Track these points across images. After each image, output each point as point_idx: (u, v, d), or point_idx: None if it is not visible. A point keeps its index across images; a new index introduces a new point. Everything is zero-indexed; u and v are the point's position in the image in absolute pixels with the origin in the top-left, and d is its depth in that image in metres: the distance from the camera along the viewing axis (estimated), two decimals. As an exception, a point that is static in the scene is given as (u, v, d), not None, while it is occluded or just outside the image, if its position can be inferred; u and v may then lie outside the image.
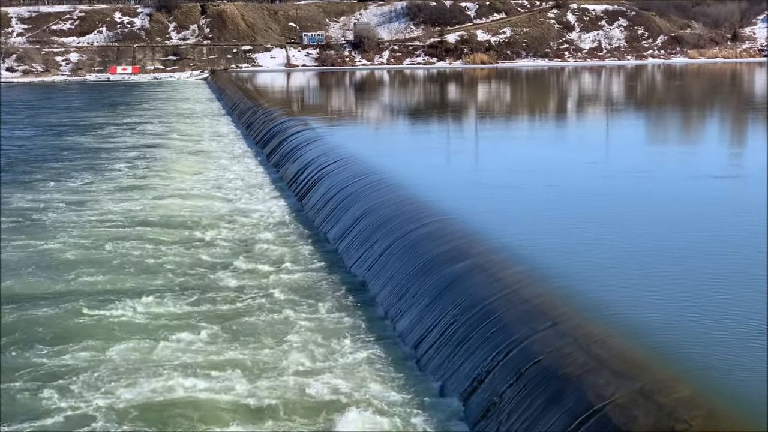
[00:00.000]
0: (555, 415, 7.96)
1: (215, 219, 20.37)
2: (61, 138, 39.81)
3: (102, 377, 10.54)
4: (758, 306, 9.39)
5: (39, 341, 11.86)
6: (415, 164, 22.61)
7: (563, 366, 8.50)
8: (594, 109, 46.78)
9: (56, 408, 9.75)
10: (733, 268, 11.28)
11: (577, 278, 11.06)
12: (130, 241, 17.78)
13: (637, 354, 8.31)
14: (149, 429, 9.28)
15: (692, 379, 7.63)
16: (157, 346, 11.63)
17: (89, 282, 14.88)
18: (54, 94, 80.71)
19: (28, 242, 17.93)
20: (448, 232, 14.05)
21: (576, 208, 16.06)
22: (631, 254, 12.15)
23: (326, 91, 72.21)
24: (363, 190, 19.13)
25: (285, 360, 11.07)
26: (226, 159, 32.15)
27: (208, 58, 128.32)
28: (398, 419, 9.33)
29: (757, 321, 8.94)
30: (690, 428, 6.75)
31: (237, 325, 12.50)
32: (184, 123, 47.71)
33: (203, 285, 14.71)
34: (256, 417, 9.56)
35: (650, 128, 34.95)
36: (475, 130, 34.22)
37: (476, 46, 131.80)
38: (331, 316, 12.86)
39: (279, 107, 43.76)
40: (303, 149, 27.71)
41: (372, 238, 15.84)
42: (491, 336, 9.97)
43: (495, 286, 11.18)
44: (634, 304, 9.81)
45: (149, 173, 27.88)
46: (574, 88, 69.22)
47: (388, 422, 9.27)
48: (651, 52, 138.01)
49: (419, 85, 78.53)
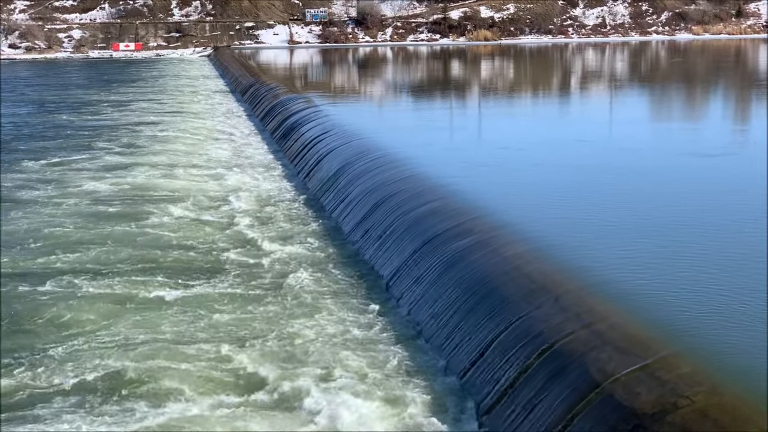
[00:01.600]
0: (557, 392, 7.98)
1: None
2: (79, 113, 39.83)
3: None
4: (763, 283, 9.37)
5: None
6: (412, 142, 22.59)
7: (566, 342, 8.52)
8: (597, 85, 46.63)
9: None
10: (738, 244, 11.26)
11: (579, 254, 11.07)
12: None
13: (639, 331, 8.31)
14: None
15: (695, 355, 7.63)
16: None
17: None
18: (59, 70, 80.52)
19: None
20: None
21: (580, 184, 16.04)
22: (634, 231, 12.14)
23: (329, 68, 72.00)
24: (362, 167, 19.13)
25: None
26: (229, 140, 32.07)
27: (210, 34, 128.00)
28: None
29: (761, 297, 8.93)
30: (692, 404, 6.76)
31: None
32: (186, 101, 47.59)
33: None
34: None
35: (654, 105, 34.89)
36: (478, 107, 34.16)
37: (480, 22, 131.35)
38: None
39: (282, 84, 43.64)
40: (305, 126, 27.69)
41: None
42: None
43: (497, 261, 11.20)
44: (636, 281, 9.81)
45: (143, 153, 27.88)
46: (578, 64, 68.98)
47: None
48: (655, 29, 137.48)
49: (422, 62, 78.27)
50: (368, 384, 9.52)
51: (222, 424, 8.67)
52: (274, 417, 8.86)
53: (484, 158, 19.45)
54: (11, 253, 15.18)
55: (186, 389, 9.41)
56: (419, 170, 17.52)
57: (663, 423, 6.71)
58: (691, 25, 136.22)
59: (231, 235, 16.46)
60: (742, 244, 11.19)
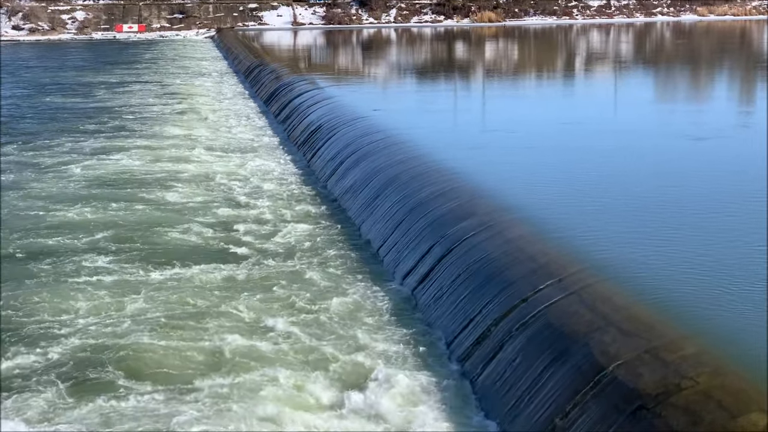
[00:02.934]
0: (560, 373, 7.99)
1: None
2: (89, 95, 39.85)
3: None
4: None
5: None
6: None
7: (569, 324, 8.53)
8: (602, 67, 46.48)
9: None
10: (743, 225, 11.24)
11: (582, 234, 11.06)
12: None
13: (643, 312, 8.31)
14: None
15: (699, 336, 7.63)
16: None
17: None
18: (64, 52, 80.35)
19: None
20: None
21: (583, 166, 16.03)
22: (637, 211, 12.13)
23: (333, 49, 71.80)
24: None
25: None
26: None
27: (214, 16, 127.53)
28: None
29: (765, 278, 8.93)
30: (696, 385, 6.77)
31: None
32: (190, 83, 47.50)
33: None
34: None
35: (659, 86, 34.80)
36: (482, 89, 34.09)
37: (484, 3, 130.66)
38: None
39: (286, 66, 43.55)
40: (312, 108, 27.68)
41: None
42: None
43: (500, 243, 11.20)
44: (640, 262, 9.81)
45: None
46: (582, 46, 68.72)
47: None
48: (660, 10, 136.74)
49: (426, 44, 77.99)
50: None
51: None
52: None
53: (482, 140, 19.45)
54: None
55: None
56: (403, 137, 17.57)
57: (666, 404, 6.72)
58: (696, 6, 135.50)
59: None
60: (749, 226, 11.16)
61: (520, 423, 8.03)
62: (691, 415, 6.47)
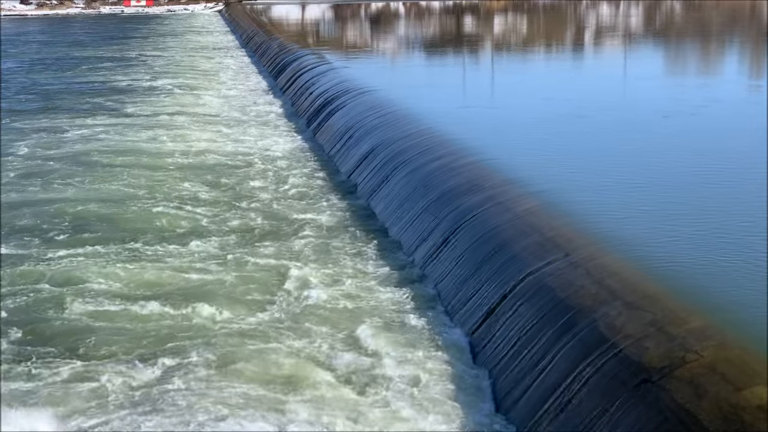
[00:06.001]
0: (566, 346, 8.02)
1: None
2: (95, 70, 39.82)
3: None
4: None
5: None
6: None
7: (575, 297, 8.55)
8: (612, 41, 46.21)
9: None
10: (748, 199, 11.20)
11: (591, 210, 11.07)
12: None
13: (649, 285, 8.32)
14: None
15: (704, 310, 7.64)
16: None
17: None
18: (68, 27, 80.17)
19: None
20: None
21: (591, 139, 16.00)
22: (644, 186, 12.12)
23: (341, 24, 71.50)
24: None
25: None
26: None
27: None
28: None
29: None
30: (701, 359, 6.77)
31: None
32: (199, 57, 47.42)
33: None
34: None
35: (669, 60, 34.61)
36: (491, 63, 33.97)
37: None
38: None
39: (296, 42, 43.41)
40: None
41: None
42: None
43: (506, 216, 11.22)
44: (646, 236, 9.81)
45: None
46: (592, 20, 68.31)
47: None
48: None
49: (435, 17, 77.59)
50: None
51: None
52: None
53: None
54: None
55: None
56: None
57: (671, 377, 6.73)
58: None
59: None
60: (756, 200, 11.12)
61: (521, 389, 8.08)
62: (696, 388, 6.48)
